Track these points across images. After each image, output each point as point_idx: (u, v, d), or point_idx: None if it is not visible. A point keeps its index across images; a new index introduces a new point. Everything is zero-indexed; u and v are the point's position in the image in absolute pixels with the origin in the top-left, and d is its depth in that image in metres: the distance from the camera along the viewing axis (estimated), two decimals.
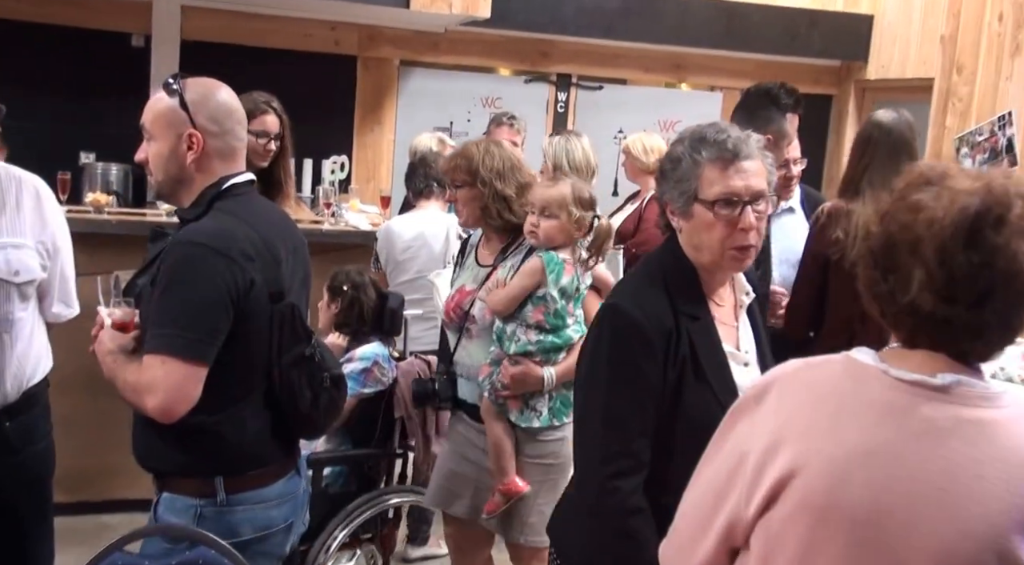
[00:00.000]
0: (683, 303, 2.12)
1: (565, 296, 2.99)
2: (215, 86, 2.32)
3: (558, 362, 3.00)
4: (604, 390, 2.08)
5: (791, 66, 7.27)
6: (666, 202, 2.17)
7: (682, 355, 2.07)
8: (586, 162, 4.55)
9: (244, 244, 2.18)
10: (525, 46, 6.97)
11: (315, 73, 6.63)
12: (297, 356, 2.29)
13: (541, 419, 3.02)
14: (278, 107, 3.96)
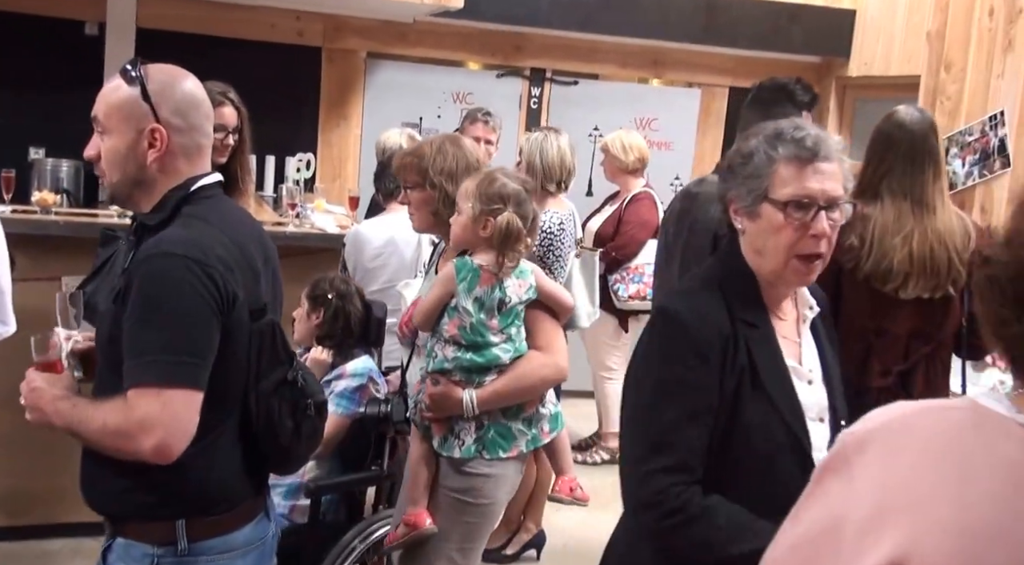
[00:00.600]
0: (741, 310, 1.99)
1: (484, 309, 2.71)
2: (180, 75, 2.08)
3: (483, 384, 2.73)
4: (650, 400, 1.93)
5: (771, 62, 7.09)
6: (730, 200, 2.03)
7: (740, 364, 1.93)
8: (559, 161, 4.34)
9: (222, 253, 1.95)
10: (498, 39, 6.78)
11: (278, 65, 6.42)
12: (278, 381, 2.05)
13: (463, 449, 2.76)
14: (235, 98, 3.75)
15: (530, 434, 2.82)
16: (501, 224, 2.68)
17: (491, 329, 2.72)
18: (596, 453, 5.94)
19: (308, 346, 3.50)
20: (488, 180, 2.73)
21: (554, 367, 2.80)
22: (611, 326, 5.65)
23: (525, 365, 2.76)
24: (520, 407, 2.81)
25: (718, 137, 7.29)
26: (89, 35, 6.15)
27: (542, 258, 4.19)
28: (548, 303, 2.82)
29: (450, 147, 2.95)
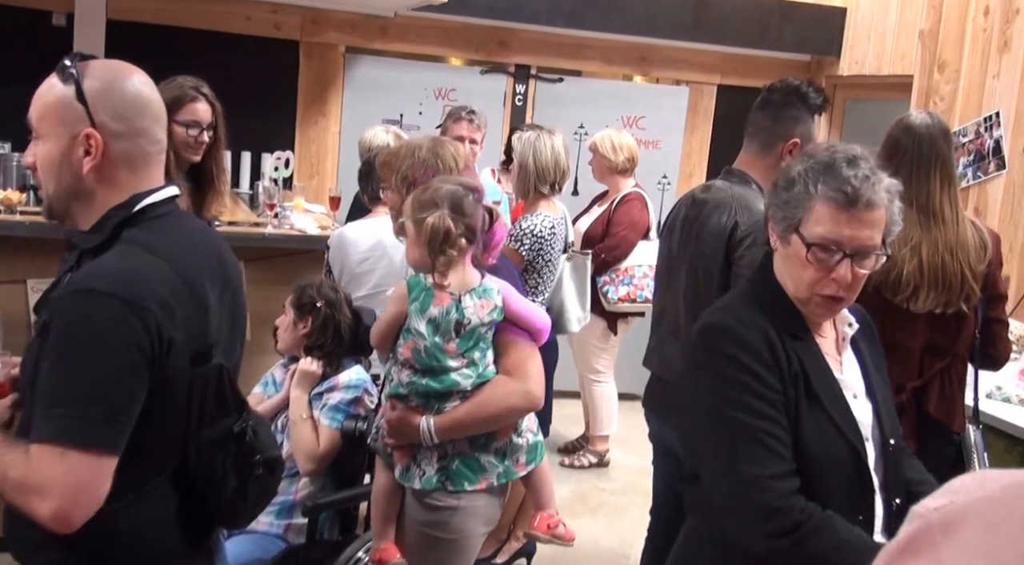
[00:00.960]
0: (784, 323, 1.97)
1: (439, 331, 2.49)
2: (124, 71, 1.84)
3: (444, 411, 2.53)
4: (729, 412, 1.87)
5: (759, 60, 7.03)
6: (769, 216, 2.03)
7: (795, 372, 1.92)
8: (554, 162, 4.22)
9: (161, 291, 1.72)
10: (482, 34, 6.64)
11: (254, 59, 6.26)
12: (222, 433, 1.83)
13: (424, 480, 2.56)
14: (209, 93, 3.63)
15: (502, 466, 2.62)
16: (427, 226, 2.45)
17: (448, 353, 2.51)
18: (583, 456, 5.85)
19: (294, 356, 3.36)
20: (421, 190, 2.55)
21: (523, 394, 2.58)
22: (599, 328, 5.55)
23: (490, 392, 2.55)
24: (490, 436, 2.60)
25: (706, 136, 7.20)
26: (56, 26, 5.95)
27: (532, 262, 4.08)
28: (519, 325, 2.62)
29: (426, 153, 2.77)
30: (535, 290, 4.17)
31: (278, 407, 3.31)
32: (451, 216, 2.46)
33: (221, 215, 4.04)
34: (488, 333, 2.56)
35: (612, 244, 5.42)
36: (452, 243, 2.47)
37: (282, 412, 3.28)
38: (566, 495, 5.38)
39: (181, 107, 3.53)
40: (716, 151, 7.13)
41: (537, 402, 2.61)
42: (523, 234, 4.06)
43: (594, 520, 5.14)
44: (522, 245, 4.05)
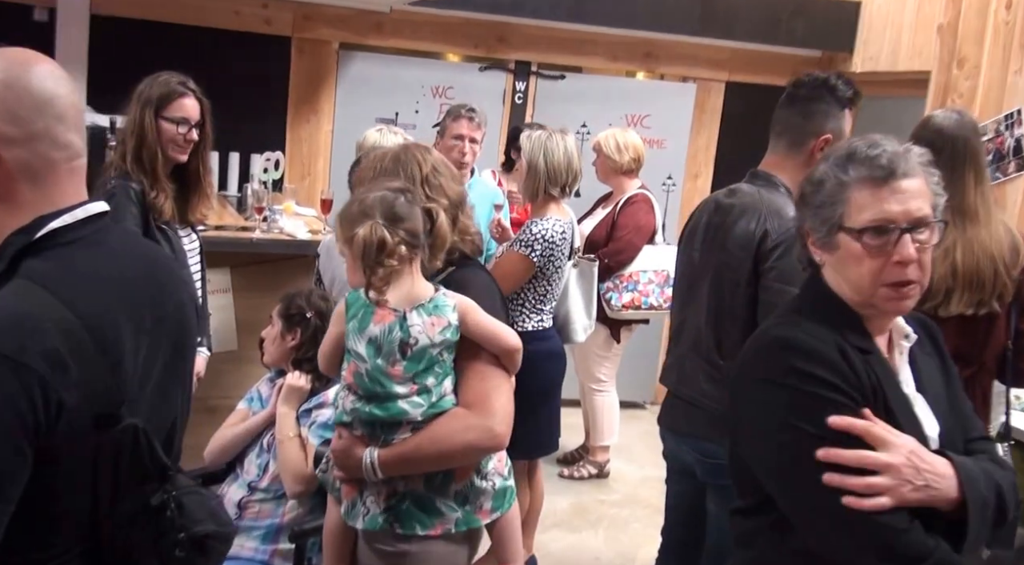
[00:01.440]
0: (852, 338, 1.84)
1: (381, 353, 2.23)
2: (23, 62, 1.55)
3: (391, 443, 2.27)
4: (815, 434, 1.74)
5: (770, 56, 6.86)
6: (806, 232, 1.92)
7: (873, 387, 1.81)
8: (566, 164, 4.04)
9: (52, 342, 1.43)
10: (480, 29, 6.47)
11: (244, 56, 6.11)
12: (139, 507, 1.58)
13: (368, 519, 2.31)
14: (197, 89, 3.51)
15: (461, 512, 2.34)
16: (358, 240, 2.20)
17: (393, 377, 2.24)
18: (583, 467, 5.72)
19: (281, 370, 3.20)
20: (347, 205, 2.32)
21: (483, 431, 2.28)
22: (602, 336, 5.39)
23: (444, 426, 2.27)
24: (447, 476, 2.33)
25: (713, 134, 7.03)
26: (38, 21, 5.80)
27: (542, 269, 3.92)
28: (484, 345, 2.33)
29: (389, 162, 2.52)
30: (544, 298, 4.01)
31: (264, 424, 3.15)
32: (384, 224, 2.21)
33: (207, 219, 3.90)
34: (444, 356, 2.28)
35: (616, 248, 5.25)
36: (390, 253, 2.20)
37: (268, 430, 3.12)
38: (565, 508, 5.25)
39: (170, 103, 3.42)
40: (724, 151, 6.97)
41: (500, 442, 2.32)
42: (534, 239, 3.90)
43: (594, 534, 5.00)
44: (533, 251, 3.88)
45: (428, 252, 2.31)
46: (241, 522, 2.99)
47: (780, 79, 6.81)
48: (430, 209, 2.31)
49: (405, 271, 2.27)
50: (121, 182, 3.34)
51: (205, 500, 1.68)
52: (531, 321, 4.01)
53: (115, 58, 5.58)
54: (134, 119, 3.41)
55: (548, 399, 4.07)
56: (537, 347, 3.96)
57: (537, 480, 4.36)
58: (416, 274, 2.30)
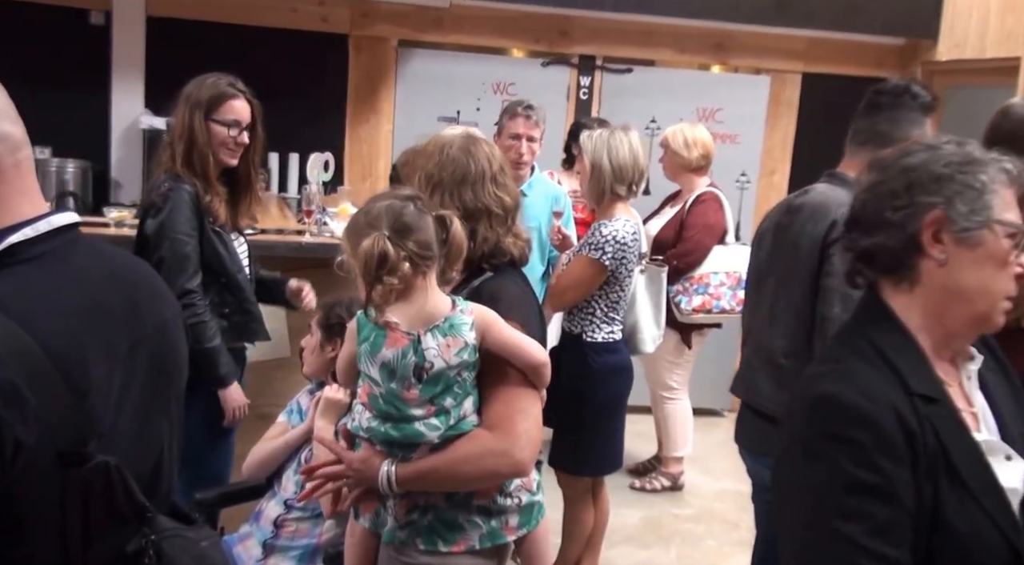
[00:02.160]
0: (916, 382, 1.58)
1: (396, 378, 2.12)
2: None
3: (409, 460, 2.18)
4: (830, 524, 1.50)
5: (849, 45, 6.63)
6: (935, 219, 1.62)
7: (932, 455, 1.53)
8: (632, 162, 3.89)
9: (6, 372, 1.29)
10: (542, 23, 6.36)
11: (301, 55, 6.11)
12: (113, 554, 1.43)
13: (386, 532, 2.24)
14: (247, 90, 3.45)
15: (486, 527, 2.26)
16: (360, 251, 2.07)
17: (409, 401, 2.14)
18: (655, 479, 5.56)
19: (321, 381, 3.11)
20: (354, 216, 2.21)
21: (504, 457, 2.18)
22: (672, 342, 5.23)
23: (464, 449, 2.17)
24: (469, 494, 2.25)
25: (790, 129, 6.80)
26: (94, 25, 5.88)
27: (614, 273, 3.78)
28: (509, 359, 2.21)
29: (457, 150, 2.41)
30: (616, 306, 3.87)
31: (302, 438, 3.06)
32: (390, 237, 2.07)
33: (256, 222, 3.85)
34: (464, 375, 2.16)
35: (685, 250, 5.08)
36: (391, 269, 2.06)
37: (307, 444, 3.03)
38: (636, 522, 5.10)
39: (220, 105, 3.37)
40: (801, 146, 6.75)
41: (521, 468, 2.22)
42: (604, 241, 3.76)
43: (666, 550, 4.83)
44: (604, 254, 3.74)
45: (444, 262, 2.18)
46: (277, 541, 2.93)
47: (860, 69, 6.60)
48: (443, 217, 2.17)
49: (417, 286, 2.14)
50: (175, 184, 3.30)
51: (190, 545, 1.52)
52: (602, 332, 3.87)
53: (171, 60, 5.60)
54: (183, 122, 3.36)
55: (613, 415, 3.93)
56: (606, 360, 3.86)
57: (602, 497, 4.22)
58: (431, 289, 2.17)
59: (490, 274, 2.38)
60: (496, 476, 2.23)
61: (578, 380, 3.83)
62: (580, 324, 3.87)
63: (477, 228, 2.35)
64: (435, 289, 2.18)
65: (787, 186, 6.69)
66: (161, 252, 3.25)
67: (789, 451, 1.61)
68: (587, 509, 4.08)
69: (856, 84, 6.78)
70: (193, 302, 3.26)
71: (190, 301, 3.24)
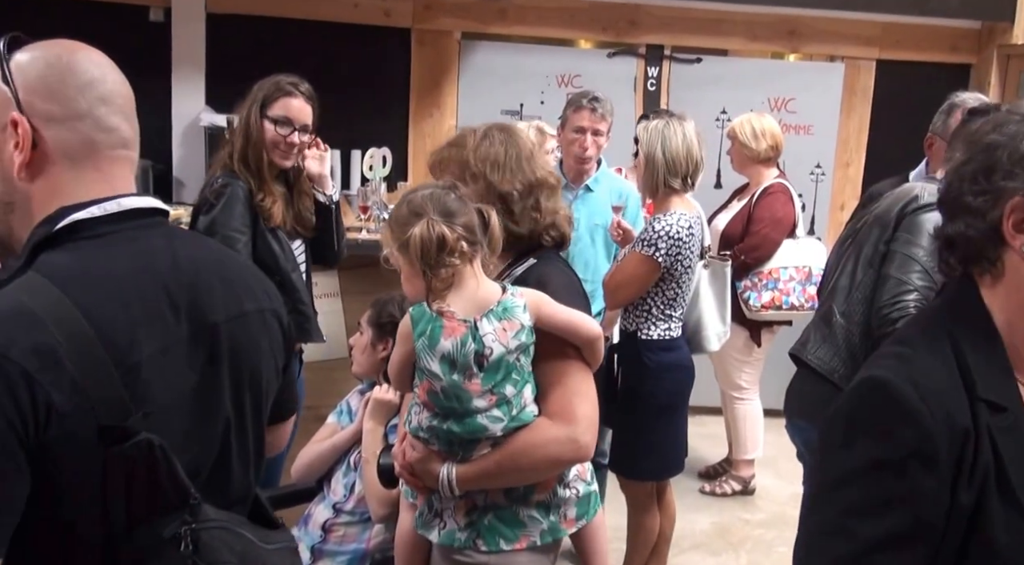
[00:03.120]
0: (984, 387, 1.43)
1: (457, 368, 2.11)
2: (70, 47, 1.51)
3: (470, 459, 2.18)
4: (842, 518, 1.41)
5: (923, 29, 6.45)
6: (1017, 205, 1.45)
7: (982, 467, 1.39)
8: (686, 153, 3.79)
9: (45, 337, 1.31)
10: (609, 12, 6.29)
11: (362, 49, 6.12)
12: (155, 539, 1.41)
13: (444, 535, 2.23)
14: (308, 91, 3.43)
15: (546, 522, 2.26)
16: (414, 240, 2.07)
17: (472, 392, 2.13)
18: (726, 483, 5.45)
19: (372, 381, 3.08)
20: (395, 209, 2.21)
21: (568, 444, 2.19)
22: (741, 339, 5.13)
23: (527, 439, 2.17)
24: (529, 487, 2.25)
25: (865, 118, 6.62)
26: (154, 22, 5.95)
27: (669, 270, 3.69)
28: (563, 336, 2.21)
29: (498, 133, 2.42)
30: (672, 303, 3.78)
31: (351, 440, 3.04)
32: (441, 220, 2.08)
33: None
34: (522, 361, 2.16)
35: (753, 244, 4.97)
36: (451, 250, 2.08)
37: (356, 446, 3.01)
38: (706, 528, 5.00)
39: (274, 101, 3.38)
40: (877, 135, 6.58)
41: (585, 453, 2.22)
42: (657, 237, 3.66)
43: (736, 557, 4.74)
44: (657, 250, 3.65)
45: (488, 251, 2.19)
46: (325, 546, 2.92)
47: (936, 55, 6.43)
48: (481, 209, 2.18)
49: (467, 273, 2.14)
50: (229, 179, 3.32)
51: (235, 539, 1.50)
52: (657, 329, 3.78)
53: (232, 56, 5.66)
54: (243, 117, 3.38)
55: (673, 415, 3.84)
56: (661, 357, 3.77)
57: (667, 502, 4.12)
58: (480, 276, 2.18)
59: (533, 261, 2.38)
60: (560, 463, 2.24)
61: (634, 379, 3.77)
62: (635, 321, 3.79)
63: (521, 210, 2.36)
64: (483, 276, 2.19)
65: (862, 178, 6.54)
66: None
67: (829, 425, 1.51)
68: (652, 515, 4.00)
69: (931, 70, 6.65)
70: None
71: None
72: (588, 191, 4.39)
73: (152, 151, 5.84)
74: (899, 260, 2.81)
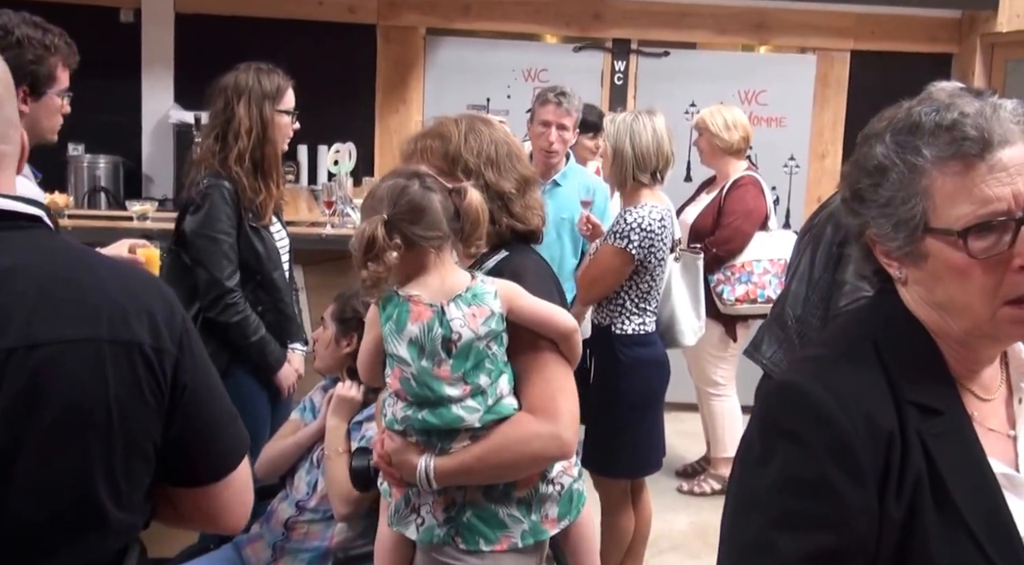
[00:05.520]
0: (912, 387, 1.36)
1: (425, 354, 2.10)
2: None
3: (449, 451, 2.15)
4: (761, 536, 1.34)
5: (901, 20, 6.52)
6: (871, 240, 1.43)
7: (913, 475, 1.32)
8: (655, 147, 3.82)
9: None
10: (574, 7, 6.37)
11: (329, 46, 6.21)
12: None
13: (424, 530, 2.19)
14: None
15: (527, 522, 2.22)
16: (355, 236, 2.08)
17: (442, 378, 2.11)
18: (704, 482, 5.44)
19: (336, 377, 3.10)
20: (363, 201, 2.20)
21: (550, 439, 2.17)
22: (716, 334, 5.14)
23: (506, 434, 2.15)
24: (509, 485, 2.21)
25: (839, 109, 6.70)
26: (124, 23, 6.13)
27: (643, 262, 3.72)
28: (537, 330, 2.19)
29: (482, 127, 2.39)
30: (647, 296, 3.80)
31: (314, 438, 3.02)
32: (387, 221, 2.06)
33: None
34: (493, 348, 2.14)
35: (725, 236, 5.00)
36: (376, 256, 2.04)
37: (319, 444, 3.02)
38: (684, 529, 4.98)
39: (284, 95, 3.45)
40: (853, 127, 6.63)
41: (568, 449, 2.21)
42: (629, 229, 3.68)
43: (715, 559, 4.73)
44: (630, 242, 3.66)
45: (463, 235, 2.17)
46: (288, 544, 2.90)
47: (914, 46, 6.50)
48: (459, 189, 2.16)
49: (430, 264, 2.14)
50: (214, 181, 3.34)
51: None
52: (632, 323, 3.80)
53: (200, 55, 5.74)
54: (252, 115, 3.38)
55: (648, 411, 3.85)
56: (637, 353, 3.77)
57: (643, 501, 4.12)
58: (446, 265, 2.16)
59: (505, 253, 2.36)
60: (543, 460, 2.21)
61: (608, 374, 3.77)
62: (609, 316, 3.81)
63: (522, 208, 2.36)
64: (451, 265, 2.18)
65: (839, 169, 6.61)
66: (200, 250, 3.31)
67: (746, 438, 1.45)
68: (626, 514, 3.99)
69: (910, 60, 6.72)
70: (234, 300, 3.33)
71: (232, 299, 3.32)
72: (556, 186, 4.43)
73: (122, 148, 6.04)
74: (854, 264, 2.83)
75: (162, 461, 1.48)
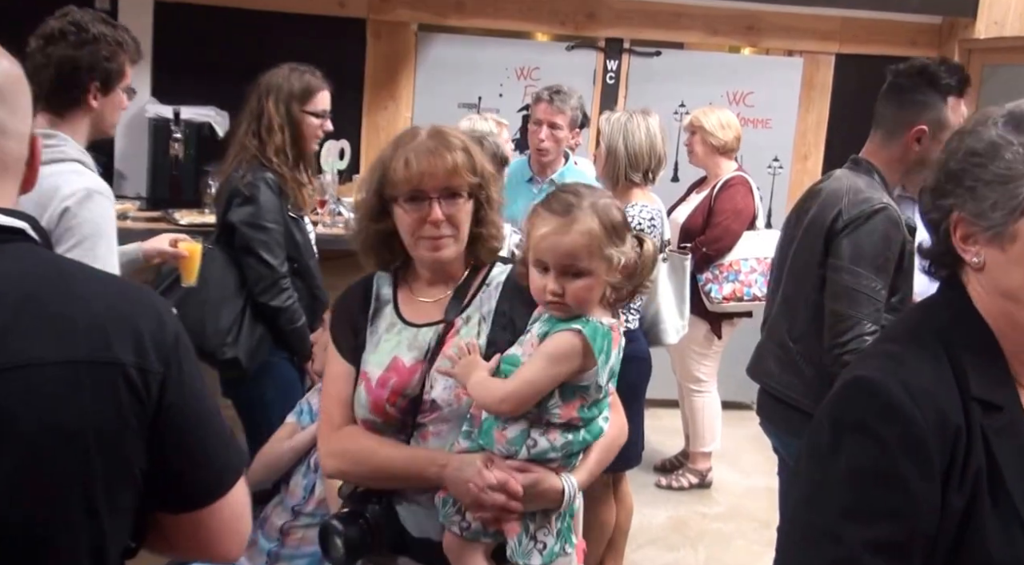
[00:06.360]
0: (978, 385, 1.43)
1: (613, 376, 2.11)
2: None
3: (577, 466, 2.13)
4: (832, 523, 1.39)
5: (883, 25, 6.58)
6: (957, 220, 1.49)
7: (974, 470, 1.39)
8: (648, 147, 3.89)
9: None
10: (567, 5, 6.35)
11: (316, 41, 6.01)
12: None
13: (546, 554, 2.08)
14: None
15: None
16: (649, 255, 2.10)
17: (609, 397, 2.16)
18: (682, 477, 5.53)
19: None
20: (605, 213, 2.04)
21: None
22: (701, 332, 5.23)
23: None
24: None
25: (823, 112, 6.76)
26: (100, 10, 5.83)
27: None
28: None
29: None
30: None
31: (312, 441, 2.97)
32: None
33: None
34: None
35: (715, 236, 5.08)
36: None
37: (315, 448, 2.96)
38: (662, 522, 5.06)
39: (314, 96, 3.62)
40: (835, 129, 6.71)
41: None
42: None
43: (694, 552, 4.81)
44: None
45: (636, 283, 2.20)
46: (282, 550, 2.88)
47: (896, 50, 6.55)
48: (640, 236, 2.16)
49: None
50: (260, 172, 3.48)
51: None
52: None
53: (179, 47, 5.63)
54: (280, 113, 3.55)
55: (629, 407, 3.89)
56: None
57: (624, 494, 4.19)
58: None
59: (508, 265, 2.34)
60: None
61: None
62: None
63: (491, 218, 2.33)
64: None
65: (821, 171, 6.67)
66: (252, 239, 3.46)
67: (814, 430, 1.51)
68: (607, 508, 4.05)
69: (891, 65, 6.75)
70: (287, 285, 3.51)
71: (286, 284, 3.50)
72: (552, 185, 4.48)
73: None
74: (844, 293, 2.79)
75: (150, 484, 1.42)
